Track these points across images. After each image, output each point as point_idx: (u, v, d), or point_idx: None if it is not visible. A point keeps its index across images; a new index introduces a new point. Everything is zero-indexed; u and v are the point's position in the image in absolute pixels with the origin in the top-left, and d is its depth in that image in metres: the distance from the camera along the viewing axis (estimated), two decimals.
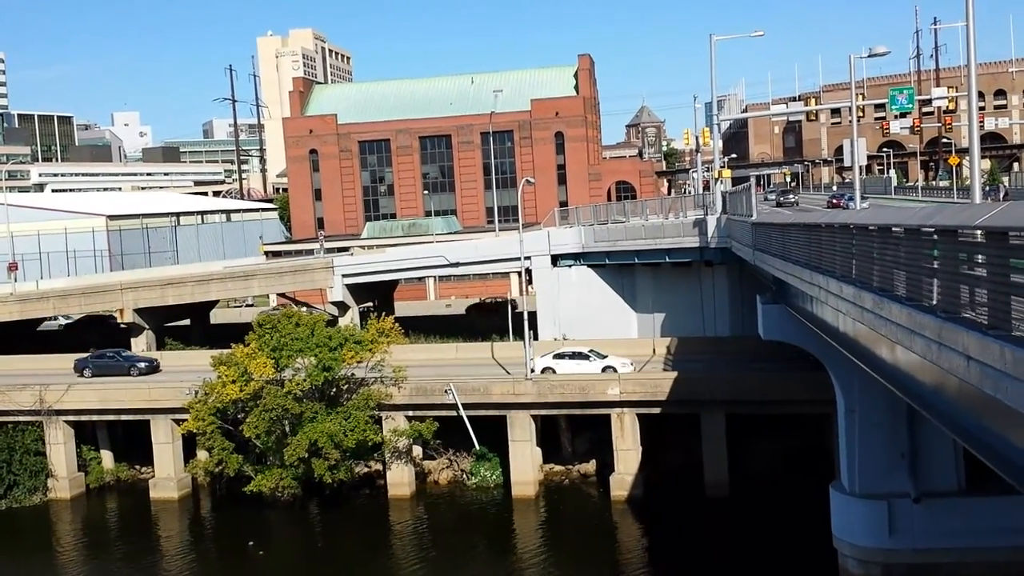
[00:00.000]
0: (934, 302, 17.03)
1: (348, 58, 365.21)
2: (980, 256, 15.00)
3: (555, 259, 70.41)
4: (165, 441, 56.59)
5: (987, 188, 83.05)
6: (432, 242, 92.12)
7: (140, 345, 75.12)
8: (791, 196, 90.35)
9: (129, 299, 74.94)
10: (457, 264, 75.58)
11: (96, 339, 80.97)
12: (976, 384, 14.44)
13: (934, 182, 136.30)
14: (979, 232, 14.93)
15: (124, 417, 58.41)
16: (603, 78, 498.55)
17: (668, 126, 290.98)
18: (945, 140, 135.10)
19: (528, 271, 70.70)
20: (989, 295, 14.32)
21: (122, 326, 76.24)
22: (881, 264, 21.24)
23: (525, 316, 55.32)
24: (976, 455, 16.63)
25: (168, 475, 56.41)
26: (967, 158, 37.21)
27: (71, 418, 58.25)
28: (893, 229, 20.31)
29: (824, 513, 36.59)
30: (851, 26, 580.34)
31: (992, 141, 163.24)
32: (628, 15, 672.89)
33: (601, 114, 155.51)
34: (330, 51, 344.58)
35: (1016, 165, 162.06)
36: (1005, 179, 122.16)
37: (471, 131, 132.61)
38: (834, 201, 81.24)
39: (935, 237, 17.15)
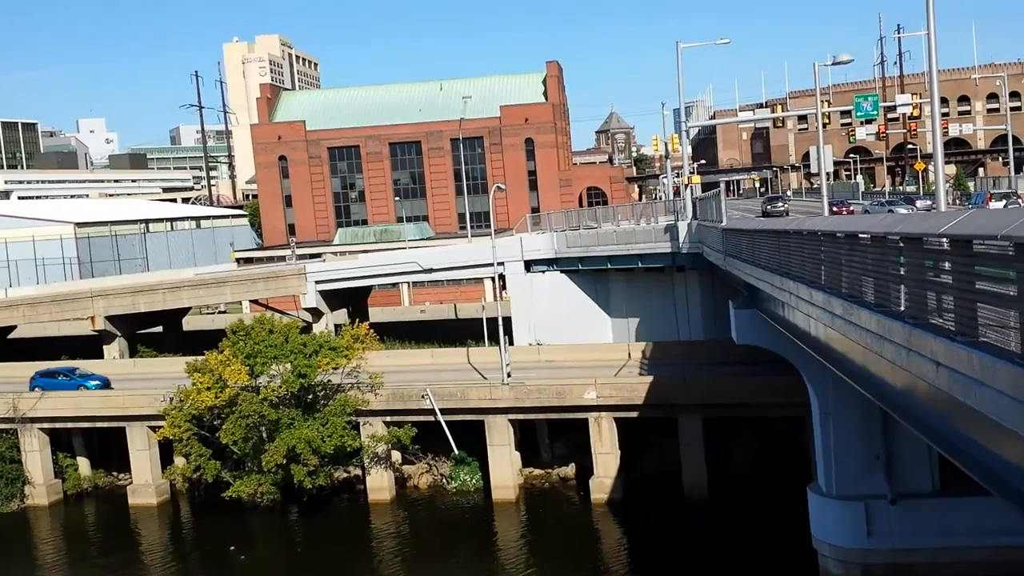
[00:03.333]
0: (902, 308, 17.23)
1: (315, 64, 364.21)
2: (946, 263, 15.34)
3: (528, 265, 70.98)
4: (142, 448, 56.55)
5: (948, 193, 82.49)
6: (404, 248, 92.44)
7: (112, 352, 74.88)
8: (779, 204, 75.50)
9: (100, 306, 74.70)
10: (431, 270, 76.00)
11: (71, 346, 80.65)
12: (946, 389, 14.59)
13: (901, 187, 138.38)
14: (944, 240, 15.36)
15: (99, 424, 58.30)
16: (572, 84, 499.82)
17: (637, 132, 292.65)
18: (911, 146, 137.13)
19: (502, 277, 71.24)
20: (955, 302, 14.53)
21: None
22: (849, 270, 21.56)
23: (500, 322, 55.83)
24: (949, 458, 17.05)
25: (146, 481, 56.36)
26: (932, 164, 38.16)
27: (46, 425, 58.09)
28: (860, 236, 20.72)
29: (802, 514, 37.26)
30: (816, 33, 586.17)
31: (957, 147, 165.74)
32: (596, 22, 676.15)
33: (571, 120, 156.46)
34: (297, 57, 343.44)
35: (981, 170, 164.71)
36: (971, 184, 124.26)
37: (441, 137, 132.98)
38: (835, 208, 69.42)
39: (901, 244, 17.60)
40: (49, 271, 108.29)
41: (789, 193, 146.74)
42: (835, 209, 69.80)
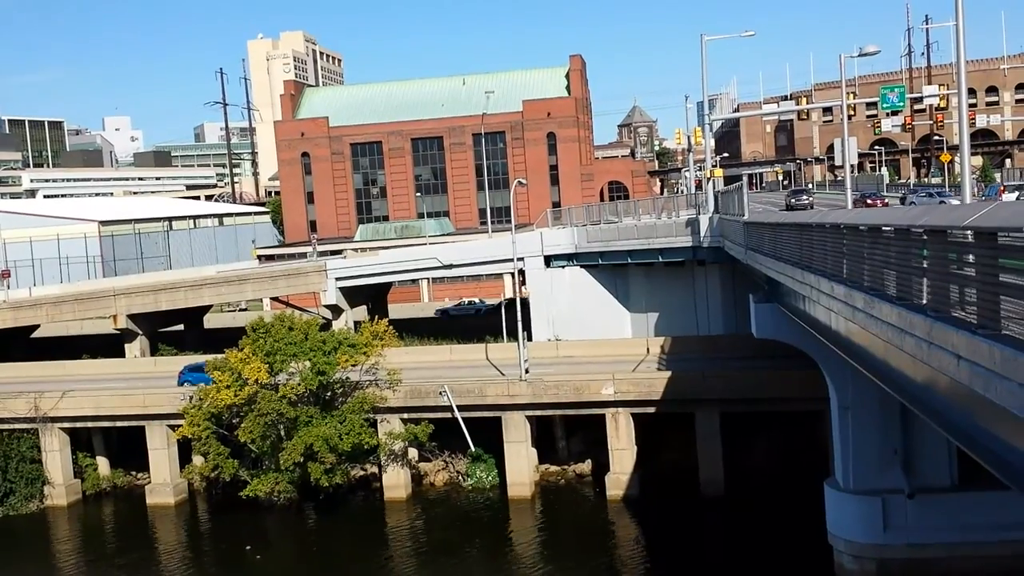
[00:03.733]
0: (924, 301, 17.15)
1: (339, 60, 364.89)
2: (969, 256, 15.11)
3: (548, 260, 70.52)
4: (160, 447, 56.58)
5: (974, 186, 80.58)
6: (425, 244, 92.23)
7: (133, 351, 75.08)
8: (804, 197, 71.71)
9: (122, 305, 74.90)
10: (450, 266, 75.66)
11: (93, 345, 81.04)
12: (966, 383, 14.55)
13: (926, 179, 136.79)
14: (969, 232, 15.04)
15: (119, 424, 58.36)
16: (595, 78, 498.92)
17: (660, 125, 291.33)
18: (937, 137, 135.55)
19: (521, 272, 70.82)
20: (978, 295, 14.44)
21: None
22: (871, 264, 21.37)
23: (519, 317, 55.40)
24: (968, 453, 16.76)
25: (164, 481, 56.39)
26: (958, 155, 37.41)
27: (66, 425, 58.20)
28: (883, 229, 20.46)
29: (819, 509, 36.79)
30: (843, 24, 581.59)
31: (984, 138, 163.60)
32: (619, 15, 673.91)
33: (593, 114, 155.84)
34: (321, 53, 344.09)
35: (1008, 161, 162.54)
36: (997, 175, 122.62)
37: (463, 132, 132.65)
38: (868, 201, 67.48)
39: (924, 237, 17.28)
40: (73, 269, 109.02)
41: (812, 186, 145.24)
42: (868, 202, 67.98)
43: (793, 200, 70.75)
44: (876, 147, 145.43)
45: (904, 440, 34.49)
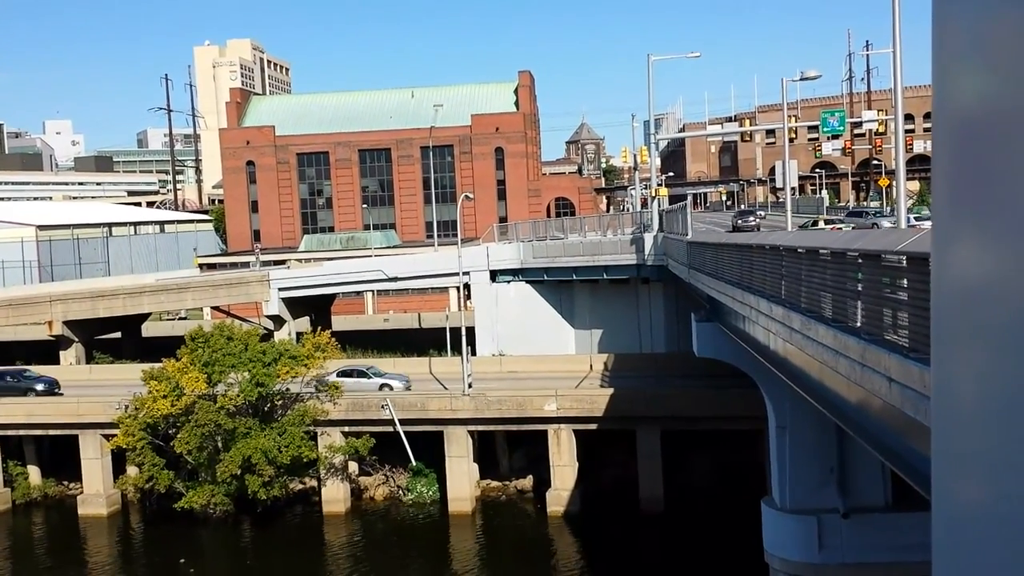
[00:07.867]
0: (858, 324, 17.44)
1: (287, 69, 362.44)
2: (903, 280, 15.41)
3: (494, 275, 70.58)
4: (94, 457, 55.43)
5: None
6: (370, 256, 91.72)
7: (68, 359, 73.53)
8: (751, 219, 68.25)
9: (58, 311, 73.37)
10: (396, 279, 75.39)
11: (26, 352, 79.24)
12: (897, 405, 14.81)
13: (865, 203, 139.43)
14: (903, 257, 15.33)
15: (52, 432, 57.10)
16: (543, 94, 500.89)
17: (608, 143, 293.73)
18: (876, 162, 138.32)
19: (467, 286, 70.79)
20: (910, 318, 14.73)
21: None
22: (809, 286, 21.69)
23: (463, 332, 55.32)
24: (899, 473, 17.06)
25: (97, 491, 55.22)
26: (895, 180, 38.19)
27: None
28: (820, 252, 20.80)
29: (757, 528, 37.11)
30: (788, 47, 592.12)
31: (921, 163, 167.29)
32: (569, 32, 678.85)
33: (541, 130, 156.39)
34: (268, 62, 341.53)
35: None
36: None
37: (411, 145, 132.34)
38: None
39: (859, 260, 17.60)
40: (8, 274, 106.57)
41: (761, 212, 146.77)
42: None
43: (740, 221, 68.13)
44: (817, 170, 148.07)
45: (840, 460, 34.91)
